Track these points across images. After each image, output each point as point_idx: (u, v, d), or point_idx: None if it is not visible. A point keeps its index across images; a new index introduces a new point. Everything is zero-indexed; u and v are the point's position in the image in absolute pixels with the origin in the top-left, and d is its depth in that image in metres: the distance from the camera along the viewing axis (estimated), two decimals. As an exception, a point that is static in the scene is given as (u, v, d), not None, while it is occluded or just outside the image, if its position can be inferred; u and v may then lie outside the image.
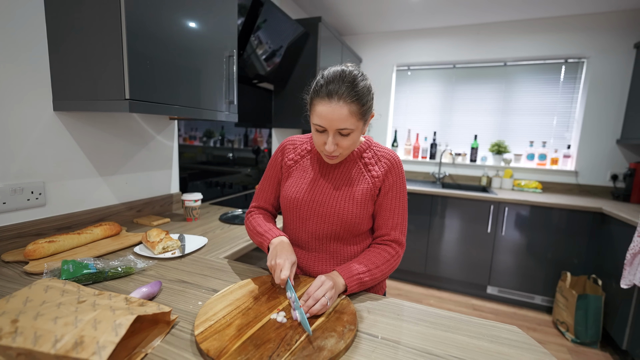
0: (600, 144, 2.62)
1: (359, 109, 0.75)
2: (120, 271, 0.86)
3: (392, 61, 3.24)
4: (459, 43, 2.97)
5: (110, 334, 0.51)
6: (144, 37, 0.94)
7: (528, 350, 0.61)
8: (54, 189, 1.11)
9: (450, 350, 0.61)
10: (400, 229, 0.87)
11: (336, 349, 0.57)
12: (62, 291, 0.62)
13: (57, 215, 1.12)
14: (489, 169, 3.00)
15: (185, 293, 0.79)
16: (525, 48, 2.76)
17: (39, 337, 0.49)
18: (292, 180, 0.91)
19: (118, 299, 0.63)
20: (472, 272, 2.58)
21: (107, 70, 0.93)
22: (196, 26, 1.14)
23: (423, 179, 3.24)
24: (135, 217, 1.41)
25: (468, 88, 3.04)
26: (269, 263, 0.78)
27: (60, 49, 1.02)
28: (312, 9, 2.71)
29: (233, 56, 1.33)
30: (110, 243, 1.08)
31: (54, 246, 0.96)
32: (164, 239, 1.05)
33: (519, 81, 2.86)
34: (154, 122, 1.48)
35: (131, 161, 1.39)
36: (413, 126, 3.30)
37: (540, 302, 2.42)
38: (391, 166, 0.86)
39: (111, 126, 1.28)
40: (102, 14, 0.91)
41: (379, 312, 0.73)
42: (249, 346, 0.57)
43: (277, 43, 2.00)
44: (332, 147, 0.77)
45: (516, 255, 2.43)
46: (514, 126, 2.92)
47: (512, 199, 2.37)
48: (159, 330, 0.63)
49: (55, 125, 1.09)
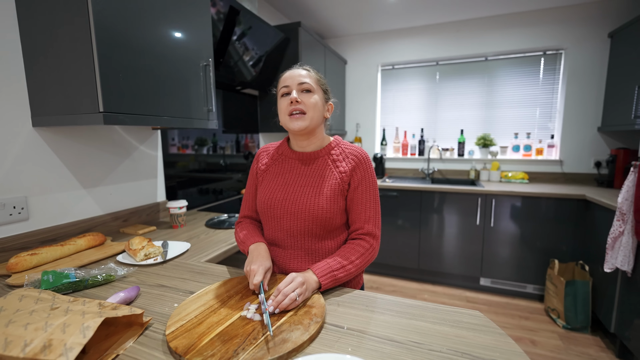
0: (582, 132, 2.67)
1: (315, 76, 0.91)
2: (100, 279, 0.88)
3: (376, 61, 3.28)
4: (440, 40, 3.02)
5: (78, 336, 0.53)
6: (116, 49, 0.97)
7: (485, 333, 0.64)
8: (36, 203, 1.13)
9: (411, 336, 0.63)
10: (373, 221, 0.90)
11: (299, 341, 0.60)
12: (37, 299, 0.65)
13: (41, 229, 1.14)
14: (477, 162, 3.03)
15: (163, 297, 0.82)
16: (505, 42, 2.81)
17: (9, 342, 0.52)
18: (266, 183, 0.95)
19: (92, 305, 0.65)
20: (465, 264, 2.61)
21: (81, 83, 0.96)
22: (171, 36, 1.17)
23: (413, 175, 3.27)
24: (122, 226, 1.43)
25: (452, 84, 3.08)
26: (245, 269, 0.82)
27: (35, 66, 1.05)
28: (292, 14, 2.75)
29: (209, 65, 1.36)
30: (93, 253, 1.10)
31: (37, 258, 0.98)
32: (145, 246, 1.07)
33: (501, 75, 2.90)
34: (136, 133, 1.50)
35: (115, 172, 1.41)
36: (401, 124, 3.34)
37: (532, 291, 2.45)
38: (358, 162, 0.89)
39: (92, 139, 1.31)
40: (73, 29, 0.94)
41: (349, 305, 0.76)
42: (216, 342, 0.60)
43: (261, 49, 2.04)
44: (295, 95, 0.87)
45: (506, 246, 2.47)
46: (498, 119, 2.97)
47: (499, 191, 2.41)
48: (133, 332, 0.66)
49: (34, 141, 1.12)
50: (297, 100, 0.86)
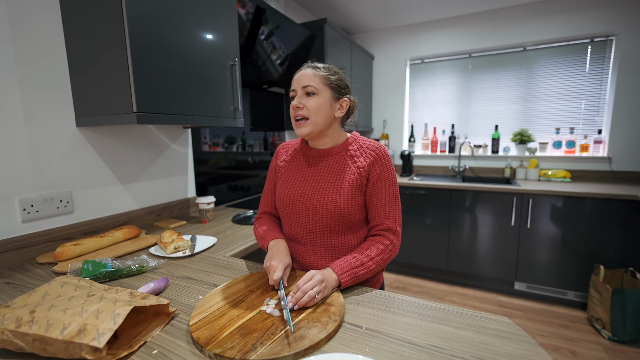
0: (635, 127, 2.42)
1: (323, 74, 0.87)
2: (134, 270, 0.94)
3: (405, 55, 3.19)
4: (473, 31, 2.87)
5: (109, 322, 0.57)
6: (148, 52, 1.02)
7: (514, 341, 0.60)
8: (80, 197, 1.23)
9: (432, 340, 0.61)
10: (393, 217, 0.88)
11: (317, 338, 0.60)
12: (76, 286, 0.70)
13: (84, 221, 1.23)
14: (513, 159, 2.86)
15: (189, 288, 0.85)
16: (546, 30, 2.61)
17: (50, 325, 0.56)
18: (284, 179, 0.96)
19: (124, 293, 0.70)
20: (497, 267, 2.48)
21: (117, 86, 1.02)
22: (199, 37, 1.21)
23: (442, 173, 3.15)
24: (155, 220, 1.52)
25: (486, 77, 2.92)
26: (265, 264, 0.83)
27: (78, 70, 1.13)
28: (318, 10, 2.74)
29: (235, 64, 1.39)
30: (129, 245, 1.18)
31: (79, 248, 1.06)
32: (175, 240, 1.13)
33: (541, 66, 2.71)
34: (168, 132, 1.58)
35: (149, 169, 1.49)
36: (430, 120, 3.23)
37: (573, 298, 2.28)
38: (377, 157, 0.88)
39: (129, 137, 1.39)
40: (110, 36, 1.00)
41: (368, 305, 0.75)
42: (236, 335, 0.61)
43: (287, 47, 2.06)
44: (296, 101, 0.87)
45: (544, 249, 2.31)
46: (537, 113, 2.77)
47: (537, 190, 2.25)
48: (160, 321, 0.69)
49: (78, 140, 1.21)
50: (298, 106, 0.87)
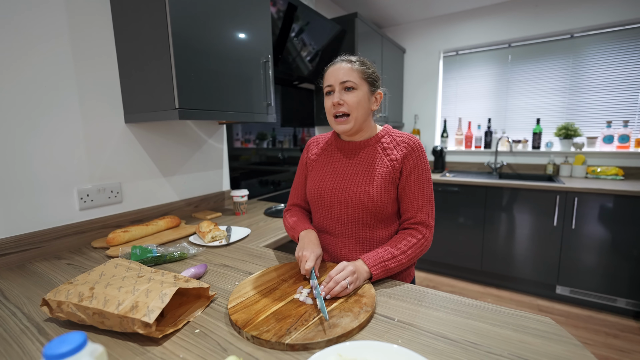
0: None
1: (360, 68, 0.86)
2: (176, 256, 1.01)
3: (438, 48, 3.08)
4: (514, 19, 2.71)
5: (158, 301, 0.62)
6: (189, 52, 1.08)
7: (557, 342, 0.57)
8: (128, 188, 1.33)
9: (467, 336, 0.60)
10: (426, 210, 0.86)
11: (349, 327, 0.61)
12: (127, 268, 0.76)
13: (131, 210, 1.33)
14: (556, 155, 2.68)
15: (226, 275, 0.90)
16: (597, 15, 2.40)
17: (107, 301, 0.62)
18: (315, 172, 0.97)
19: (169, 276, 0.75)
20: (537, 269, 2.34)
21: (161, 85, 1.09)
22: (234, 37, 1.26)
23: (477, 169, 3.02)
24: (193, 211, 1.60)
25: (527, 68, 2.75)
26: (297, 254, 0.85)
27: (126, 71, 1.22)
28: (349, 5, 2.72)
29: (269, 61, 1.43)
30: (171, 233, 1.26)
31: (128, 235, 1.15)
32: (212, 230, 1.19)
33: (590, 54, 2.50)
34: (205, 127, 1.66)
35: (188, 163, 1.58)
36: (464, 114, 3.10)
37: (624, 306, 2.10)
38: (410, 149, 0.87)
39: (170, 133, 1.48)
40: (155, 39, 1.07)
41: (400, 298, 0.75)
42: (271, 320, 0.64)
43: (318, 43, 2.07)
44: (337, 97, 0.85)
45: (592, 252, 2.14)
46: (585, 106, 2.57)
47: (584, 188, 2.10)
48: (201, 304, 0.74)
49: (126, 135, 1.31)
50: (339, 102, 0.86)
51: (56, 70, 1.09)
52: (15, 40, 0.99)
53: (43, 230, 1.08)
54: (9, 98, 0.99)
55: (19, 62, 1.01)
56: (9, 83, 0.99)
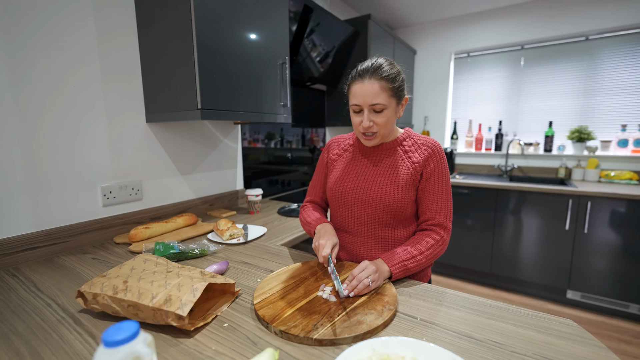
0: None
1: (388, 86, 0.83)
2: (197, 252, 1.03)
3: (449, 49, 3.08)
4: (528, 21, 2.69)
5: (190, 295, 0.64)
6: (211, 55, 1.11)
7: (581, 343, 0.58)
8: (148, 186, 1.36)
9: (491, 336, 0.61)
10: (444, 213, 0.88)
11: (374, 324, 0.63)
12: (156, 263, 0.79)
13: (151, 208, 1.37)
14: (568, 159, 2.66)
15: (248, 272, 0.92)
16: (613, 17, 2.38)
17: (141, 294, 0.65)
18: (336, 171, 0.99)
19: (195, 272, 0.77)
20: (548, 273, 2.33)
21: (184, 85, 1.12)
22: (253, 39, 1.28)
23: (487, 172, 3.02)
24: (208, 209, 1.63)
25: (540, 70, 2.74)
26: (314, 244, 0.87)
27: (149, 71, 1.25)
28: (361, 6, 2.74)
29: (285, 63, 1.45)
30: (189, 230, 1.29)
31: (149, 231, 1.18)
32: (230, 228, 1.21)
33: (605, 56, 2.48)
34: (221, 127, 1.69)
35: (204, 162, 1.61)
36: (475, 116, 3.10)
37: (638, 312, 2.08)
38: (432, 153, 0.88)
39: (188, 133, 1.51)
40: (178, 41, 1.10)
41: (421, 297, 0.76)
42: (297, 315, 0.66)
43: (330, 44, 2.09)
44: (367, 122, 0.85)
45: (604, 257, 2.13)
46: (599, 109, 2.54)
47: (598, 192, 2.08)
48: (226, 299, 0.76)
49: (147, 134, 1.34)
50: (368, 125, 0.85)
51: (84, 71, 1.12)
52: (47, 41, 1.03)
53: (70, 225, 1.12)
54: (41, 98, 1.03)
55: (50, 63, 1.04)
56: (41, 83, 1.03)
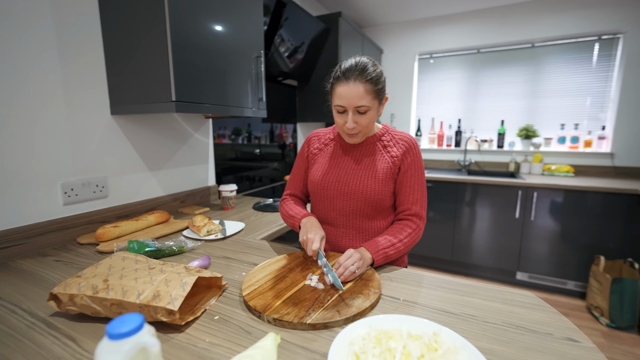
0: (638, 123, 2.49)
1: (372, 88, 0.86)
2: (175, 249, 1.00)
3: (413, 50, 3.23)
4: (483, 27, 2.91)
5: (179, 289, 0.63)
6: (185, 46, 1.07)
7: (539, 311, 0.67)
8: (113, 182, 1.28)
9: (465, 310, 0.68)
10: (420, 203, 0.94)
11: (362, 307, 0.67)
12: (136, 261, 0.76)
13: (117, 206, 1.29)
14: (517, 154, 2.93)
15: (230, 266, 0.92)
16: (555, 27, 2.66)
17: (126, 291, 0.63)
18: (318, 165, 1.01)
19: (179, 267, 0.76)
20: (501, 258, 2.56)
21: (157, 76, 1.07)
22: (228, 31, 1.26)
23: (448, 167, 3.22)
24: (179, 207, 1.57)
25: (493, 73, 2.97)
26: (301, 238, 0.89)
27: (114, 59, 1.18)
28: (331, 4, 2.77)
29: (261, 56, 1.44)
30: (162, 228, 1.24)
31: (118, 230, 1.12)
32: (207, 224, 1.19)
33: (549, 62, 2.76)
34: (191, 121, 1.63)
35: (174, 157, 1.54)
36: (437, 114, 3.29)
37: (573, 288, 2.37)
38: (409, 147, 0.94)
39: (157, 126, 1.44)
40: (149, 28, 1.05)
41: (401, 281, 0.82)
42: (288, 304, 0.68)
43: (299, 40, 2.09)
44: (351, 124, 0.87)
45: (547, 241, 2.39)
46: (543, 109, 2.83)
47: (542, 184, 2.33)
48: (213, 293, 0.76)
49: (112, 127, 1.26)
50: (353, 127, 0.88)
51: (39, 57, 1.03)
52: (-5, 23, 0.93)
53: (25, 227, 1.02)
54: (-11, 84, 0.93)
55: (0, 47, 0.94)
56: (-12, 68, 0.92)
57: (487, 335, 0.59)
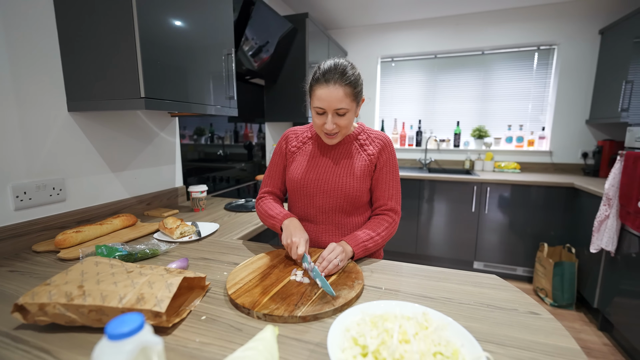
0: (571, 124, 2.83)
1: (352, 91, 0.88)
2: (148, 253, 0.96)
3: (376, 53, 3.35)
4: (439, 34, 3.11)
5: (165, 291, 0.61)
6: (154, 40, 1.02)
7: (504, 290, 0.75)
8: (72, 185, 1.18)
9: (442, 294, 0.74)
10: (395, 199, 1.00)
11: (349, 297, 0.70)
12: (110, 265, 0.72)
13: (77, 210, 1.19)
14: (472, 152, 3.17)
15: (210, 267, 0.90)
16: (501, 37, 2.92)
17: (105, 296, 0.59)
18: (297, 164, 1.03)
19: (159, 269, 0.73)
20: (459, 249, 2.76)
21: (123, 71, 1.01)
22: (198, 27, 1.22)
23: (410, 165, 3.39)
24: (146, 209, 1.49)
25: (449, 77, 3.19)
26: (285, 242, 0.89)
27: (71, 53, 1.09)
28: (297, 5, 2.79)
29: (231, 54, 1.42)
30: (129, 232, 1.17)
31: (81, 236, 1.04)
32: (180, 226, 1.14)
33: (496, 69, 3.03)
34: (157, 120, 1.55)
35: (139, 157, 1.46)
36: (399, 115, 3.44)
37: (522, 273, 2.63)
38: (384, 145, 0.99)
39: (119, 124, 1.35)
40: (114, 21, 0.99)
41: (380, 272, 0.86)
42: (276, 299, 0.69)
43: (264, 39, 2.07)
44: (331, 125, 0.89)
45: (499, 231, 2.62)
46: (493, 111, 3.10)
47: (493, 180, 2.55)
48: (196, 294, 0.74)
49: (70, 125, 1.16)
50: (332, 128, 0.89)
51: (-17, 46, 0.92)
52: None
53: (-31, 235, 0.91)
54: None
55: None
56: None
57: (463, 314, 0.65)
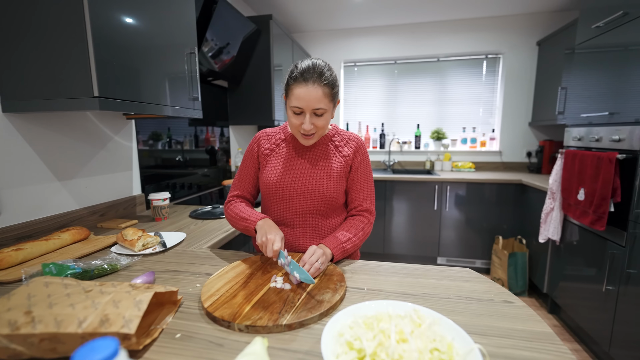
0: (516, 126, 3.10)
1: (330, 92, 0.88)
2: (107, 268, 0.86)
3: (339, 57, 3.41)
4: (398, 40, 3.25)
5: (134, 309, 0.55)
6: (108, 35, 0.93)
7: (478, 282, 0.78)
8: (10, 196, 1.03)
9: (422, 290, 0.75)
10: (370, 199, 1.00)
11: (333, 300, 0.68)
12: (64, 285, 0.63)
13: (16, 224, 1.05)
14: (431, 154, 3.34)
15: (180, 280, 0.83)
16: (454, 45, 3.12)
17: (61, 321, 0.52)
18: (271, 166, 0.99)
19: (123, 286, 0.65)
20: (424, 246, 2.88)
21: (72, 67, 0.91)
22: (157, 24, 1.14)
23: (375, 167, 3.48)
24: (99, 221, 1.35)
25: (409, 82, 3.34)
26: (260, 240, 0.85)
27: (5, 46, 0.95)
28: (260, 7, 2.74)
29: (194, 53, 1.35)
30: (81, 247, 1.05)
31: (22, 254, 0.91)
32: (142, 237, 1.05)
33: (451, 75, 3.23)
34: (110, 122, 1.42)
35: (90, 164, 1.32)
36: (363, 119, 3.53)
37: (481, 265, 2.81)
38: (358, 147, 0.99)
39: (66, 128, 1.21)
40: (61, 14, 0.88)
41: (361, 272, 0.86)
42: (258, 308, 0.65)
43: (226, 40, 1.99)
44: (309, 126, 0.88)
45: (459, 227, 2.78)
46: (449, 114, 3.30)
47: (452, 179, 2.70)
48: (167, 310, 0.67)
49: (5, 128, 1.02)
50: (310, 129, 0.88)
51: None
52: None
53: None
54: None
55: None
56: None
57: (445, 308, 0.67)
